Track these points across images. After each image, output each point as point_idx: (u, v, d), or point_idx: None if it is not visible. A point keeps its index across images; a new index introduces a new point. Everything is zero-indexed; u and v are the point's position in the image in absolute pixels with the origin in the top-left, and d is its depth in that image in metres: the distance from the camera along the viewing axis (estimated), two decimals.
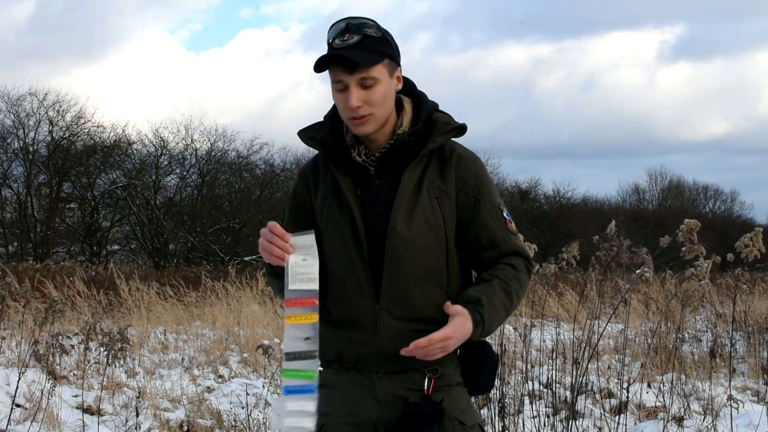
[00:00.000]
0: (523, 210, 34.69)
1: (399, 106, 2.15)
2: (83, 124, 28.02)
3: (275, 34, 62.05)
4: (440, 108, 2.17)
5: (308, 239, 1.98)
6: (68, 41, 47.85)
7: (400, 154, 2.08)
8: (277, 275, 2.07)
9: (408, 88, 2.17)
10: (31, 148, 27.32)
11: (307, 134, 2.16)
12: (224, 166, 30.77)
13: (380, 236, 2.06)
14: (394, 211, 2.05)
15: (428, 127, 2.10)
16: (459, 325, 1.94)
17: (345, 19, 2.04)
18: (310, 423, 1.93)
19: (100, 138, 28.44)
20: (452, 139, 2.15)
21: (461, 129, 2.13)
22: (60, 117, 27.68)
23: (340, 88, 2.03)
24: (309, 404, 1.93)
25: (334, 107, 2.15)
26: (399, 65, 2.10)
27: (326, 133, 2.13)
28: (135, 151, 29.58)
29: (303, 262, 1.97)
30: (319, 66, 2.02)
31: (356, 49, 1.99)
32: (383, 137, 2.10)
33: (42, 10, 46.41)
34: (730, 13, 63.66)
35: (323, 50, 2.04)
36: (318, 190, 2.16)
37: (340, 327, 2.08)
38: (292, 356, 1.95)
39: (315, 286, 1.96)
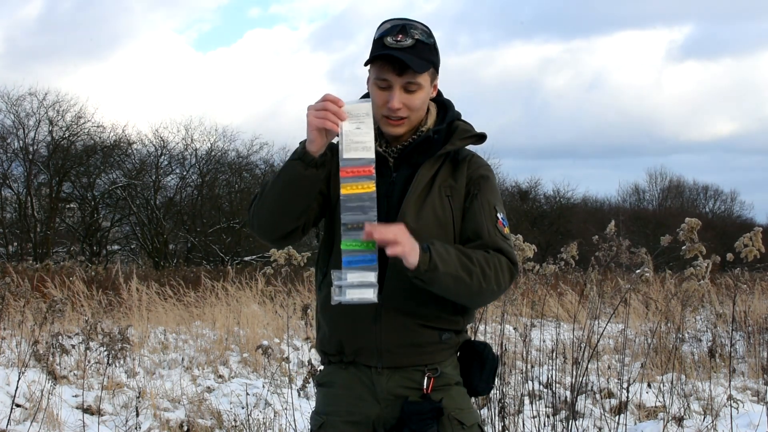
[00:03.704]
0: (523, 210, 34.70)
1: None
2: (83, 124, 28.14)
3: (284, 33, 62.06)
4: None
5: (364, 107, 1.96)
6: (76, 41, 47.90)
7: (421, 150, 2.12)
8: (312, 165, 1.98)
9: (437, 94, 2.21)
10: (31, 148, 27.39)
11: None
12: (224, 166, 30.82)
13: None
14: (404, 203, 2.08)
15: (449, 130, 2.16)
16: (408, 235, 1.93)
17: (401, 19, 2.07)
18: (372, 294, 1.92)
19: (100, 138, 28.54)
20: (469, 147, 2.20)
21: (480, 137, 2.19)
22: (60, 117, 27.77)
23: (383, 86, 2.06)
24: (370, 274, 1.92)
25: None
26: (438, 74, 2.14)
27: None
28: (135, 151, 29.67)
29: (357, 131, 1.95)
30: (370, 61, 2.05)
31: (410, 53, 2.02)
32: (406, 134, 2.15)
33: (50, 9, 46.53)
34: (739, 13, 63.69)
35: (329, 49, 2.06)
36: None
37: (342, 315, 2.08)
38: (349, 227, 1.93)
39: (371, 154, 1.94)
